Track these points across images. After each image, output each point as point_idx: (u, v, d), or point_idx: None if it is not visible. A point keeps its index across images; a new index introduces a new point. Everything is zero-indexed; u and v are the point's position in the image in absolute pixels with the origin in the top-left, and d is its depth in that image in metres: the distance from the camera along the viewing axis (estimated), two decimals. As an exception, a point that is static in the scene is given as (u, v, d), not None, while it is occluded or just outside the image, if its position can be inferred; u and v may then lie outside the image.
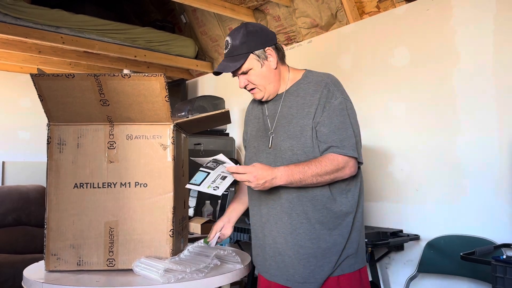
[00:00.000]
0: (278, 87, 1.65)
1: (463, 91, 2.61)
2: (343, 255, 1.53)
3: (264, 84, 1.62)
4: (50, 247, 1.54)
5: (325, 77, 1.61)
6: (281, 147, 1.57)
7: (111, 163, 1.58)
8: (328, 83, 1.57)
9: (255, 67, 1.58)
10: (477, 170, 2.52)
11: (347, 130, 1.52)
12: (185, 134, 1.84)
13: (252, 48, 1.57)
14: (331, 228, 1.52)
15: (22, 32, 3.65)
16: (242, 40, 1.56)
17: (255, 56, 1.57)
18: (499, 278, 1.83)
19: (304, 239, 1.52)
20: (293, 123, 1.56)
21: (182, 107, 4.15)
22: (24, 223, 4.02)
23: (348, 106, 1.57)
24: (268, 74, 1.61)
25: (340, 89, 1.58)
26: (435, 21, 2.77)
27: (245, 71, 1.59)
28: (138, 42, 4.41)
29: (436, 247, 2.64)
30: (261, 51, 1.58)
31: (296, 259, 1.52)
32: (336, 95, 1.54)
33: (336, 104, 1.53)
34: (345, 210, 1.54)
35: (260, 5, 3.98)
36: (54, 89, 1.48)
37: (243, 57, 1.56)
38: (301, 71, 1.68)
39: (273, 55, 1.60)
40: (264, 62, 1.59)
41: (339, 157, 1.49)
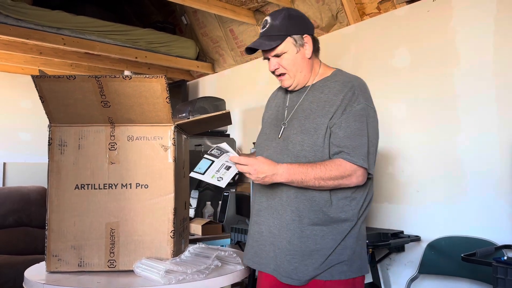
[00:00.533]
0: (307, 78, 1.61)
1: (463, 92, 2.61)
2: (332, 259, 1.48)
3: (295, 71, 1.58)
4: (51, 248, 1.54)
5: (353, 79, 1.57)
6: (292, 140, 1.54)
7: (112, 164, 1.59)
8: (354, 85, 1.53)
9: (290, 51, 1.55)
10: (478, 171, 2.52)
11: (362, 138, 1.47)
12: (186, 135, 1.85)
13: (291, 31, 1.54)
14: (324, 231, 1.49)
15: (23, 33, 3.66)
16: (282, 21, 1.53)
17: (292, 40, 1.54)
18: (500, 280, 1.82)
19: (293, 236, 1.49)
20: (310, 119, 1.53)
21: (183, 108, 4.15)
22: (25, 224, 4.03)
23: (370, 113, 1.52)
24: (301, 62, 1.57)
25: (366, 95, 1.53)
26: (435, 22, 2.77)
27: (279, 54, 1.55)
28: (139, 43, 4.42)
29: (437, 248, 2.63)
30: (299, 36, 1.55)
31: (283, 253, 1.50)
32: (360, 100, 1.50)
33: (358, 109, 1.48)
34: (344, 217, 1.50)
35: (261, 6, 3.98)
36: (55, 91, 1.48)
37: (280, 38, 1.53)
38: (332, 68, 1.65)
39: (309, 44, 1.57)
40: (299, 49, 1.56)
41: (347, 164, 1.45)
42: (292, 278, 1.48)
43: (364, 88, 1.56)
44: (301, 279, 1.47)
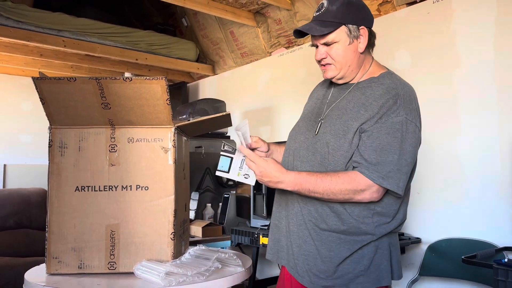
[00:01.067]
0: (354, 74, 1.48)
1: (464, 94, 2.61)
2: (346, 268, 1.39)
3: (343, 64, 1.45)
4: (51, 250, 1.54)
5: (400, 86, 1.40)
6: (321, 139, 1.44)
7: (112, 166, 1.58)
8: (399, 94, 1.37)
9: (342, 41, 1.41)
10: (479, 172, 2.52)
11: (389, 154, 1.32)
12: (186, 137, 1.85)
13: (347, 20, 1.40)
14: (341, 239, 1.40)
15: (24, 35, 3.66)
16: (340, 7, 1.39)
17: (347, 30, 1.41)
18: (501, 282, 1.82)
19: (309, 237, 1.44)
20: (342, 120, 1.41)
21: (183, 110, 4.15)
22: (25, 226, 4.03)
23: (409, 129, 1.35)
24: (352, 55, 1.44)
25: (409, 107, 1.36)
26: (435, 24, 2.77)
27: (329, 42, 1.42)
28: (140, 45, 4.43)
29: (437, 250, 2.63)
30: (355, 27, 1.41)
31: (299, 252, 1.46)
32: (400, 112, 1.34)
33: (394, 122, 1.33)
34: (364, 229, 1.39)
35: (261, 8, 3.99)
36: (56, 93, 1.48)
37: (334, 26, 1.39)
38: (383, 69, 1.52)
39: (365, 37, 1.44)
40: (353, 41, 1.42)
41: (362, 179, 1.33)
42: (306, 279, 1.44)
43: (410, 99, 1.39)
44: (315, 283, 1.42)
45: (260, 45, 4.28)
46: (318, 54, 1.46)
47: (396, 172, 1.33)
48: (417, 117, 1.39)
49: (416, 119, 1.38)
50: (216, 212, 3.49)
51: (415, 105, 1.40)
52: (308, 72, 3.69)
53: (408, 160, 1.35)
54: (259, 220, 3.07)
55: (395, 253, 1.47)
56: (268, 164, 1.40)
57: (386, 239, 1.43)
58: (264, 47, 4.25)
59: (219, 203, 3.51)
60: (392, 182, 1.33)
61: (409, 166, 1.37)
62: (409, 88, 1.43)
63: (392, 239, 1.46)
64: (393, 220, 1.42)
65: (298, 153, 1.50)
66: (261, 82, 4.30)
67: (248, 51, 4.46)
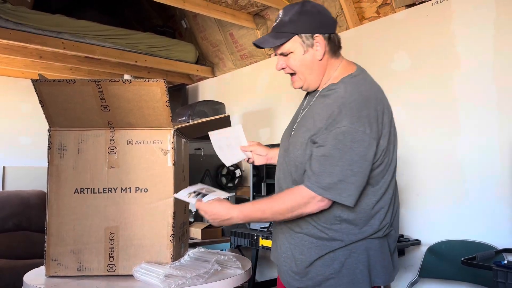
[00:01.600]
0: (319, 81, 1.46)
1: (463, 95, 2.61)
2: (316, 272, 1.39)
3: (303, 73, 1.44)
4: (50, 252, 1.54)
5: (349, 94, 1.35)
6: (289, 150, 1.45)
7: (112, 168, 1.58)
8: (345, 103, 1.32)
9: (296, 51, 1.41)
10: (478, 174, 2.52)
11: (331, 166, 1.29)
12: (186, 139, 1.85)
13: (300, 29, 1.39)
14: (313, 243, 1.39)
15: (23, 37, 3.67)
16: (292, 17, 1.39)
17: (300, 40, 1.40)
18: (501, 283, 1.82)
19: (285, 240, 1.47)
20: (301, 131, 1.42)
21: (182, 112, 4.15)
22: (25, 228, 4.02)
23: (355, 138, 1.28)
24: (310, 63, 1.43)
25: (357, 115, 1.30)
26: (435, 26, 2.77)
27: (285, 53, 1.43)
28: (139, 47, 4.43)
29: (437, 252, 2.63)
30: (309, 36, 1.40)
31: (280, 253, 1.49)
32: (343, 122, 1.29)
33: (338, 132, 1.29)
34: (332, 236, 1.38)
35: (261, 10, 4.00)
36: (55, 95, 1.48)
37: (286, 36, 1.40)
38: (348, 71, 1.46)
39: (321, 45, 1.41)
40: (308, 49, 1.41)
41: (304, 191, 1.32)
42: (284, 280, 1.47)
43: (359, 106, 1.32)
44: (290, 284, 1.44)
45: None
46: (277, 65, 1.48)
47: (338, 183, 1.29)
48: (367, 123, 1.30)
49: (366, 126, 1.30)
50: (215, 214, 3.48)
51: (367, 112, 1.32)
52: (308, 74, 3.69)
53: (355, 169, 1.29)
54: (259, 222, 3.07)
55: (377, 258, 1.41)
56: (214, 207, 1.42)
57: (363, 244, 1.39)
58: (264, 49, 4.25)
59: (218, 205, 3.50)
60: (334, 193, 1.30)
61: (358, 176, 1.30)
62: (362, 94, 1.36)
63: (371, 243, 1.40)
64: (366, 227, 1.38)
65: (279, 161, 1.53)
66: (260, 84, 4.30)
67: (247, 53, 4.47)
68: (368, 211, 1.38)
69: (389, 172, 1.44)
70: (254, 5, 3.87)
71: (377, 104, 1.37)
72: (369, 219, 1.39)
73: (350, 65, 1.51)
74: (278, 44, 1.41)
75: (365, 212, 1.38)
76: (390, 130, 1.41)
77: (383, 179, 1.41)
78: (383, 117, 1.37)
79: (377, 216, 1.40)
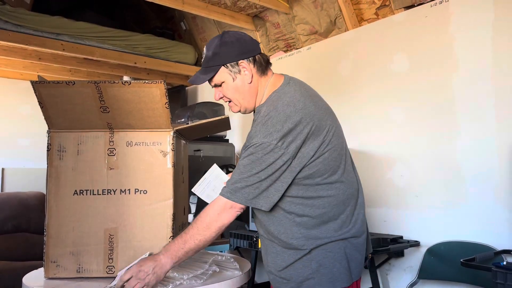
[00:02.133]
0: (253, 103, 1.54)
1: (462, 97, 2.61)
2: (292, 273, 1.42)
3: (238, 98, 1.52)
4: (49, 254, 1.54)
5: (266, 112, 1.42)
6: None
7: (111, 170, 1.58)
8: (261, 122, 1.40)
9: (227, 80, 1.50)
10: (477, 175, 2.52)
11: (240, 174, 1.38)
12: (185, 140, 1.85)
13: (224, 60, 1.48)
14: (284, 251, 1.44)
15: (23, 39, 3.66)
16: (214, 51, 1.48)
17: (227, 69, 1.48)
18: (500, 285, 1.82)
19: (262, 243, 1.53)
20: (242, 152, 1.47)
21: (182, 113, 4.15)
22: (24, 230, 4.01)
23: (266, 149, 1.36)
24: (242, 88, 1.50)
25: (270, 130, 1.37)
26: (433, 28, 2.78)
27: (218, 84, 1.52)
28: (138, 49, 4.43)
29: (436, 253, 2.63)
30: (234, 63, 1.48)
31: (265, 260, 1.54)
32: (257, 138, 1.38)
33: (252, 146, 1.38)
34: (296, 244, 1.41)
35: (260, 12, 4.00)
36: (55, 96, 1.48)
37: (214, 70, 1.49)
38: (274, 87, 1.51)
39: (248, 69, 1.49)
40: (236, 76, 1.49)
41: (219, 199, 1.41)
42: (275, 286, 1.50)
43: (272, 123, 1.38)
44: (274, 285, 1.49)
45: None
46: (216, 95, 1.56)
47: (245, 188, 1.37)
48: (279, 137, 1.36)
49: (278, 139, 1.35)
50: (214, 216, 3.48)
51: (280, 127, 1.37)
52: (307, 75, 3.70)
53: (262, 176, 1.36)
54: (258, 223, 3.06)
55: (355, 256, 1.45)
56: (137, 267, 1.38)
57: (339, 243, 1.42)
58: (263, 51, 4.25)
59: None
60: (239, 196, 1.37)
61: (266, 182, 1.37)
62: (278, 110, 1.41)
63: (348, 243, 1.44)
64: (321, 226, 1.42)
65: None
66: (259, 86, 4.30)
67: (246, 54, 4.46)
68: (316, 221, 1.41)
69: (331, 174, 1.44)
70: (253, 6, 3.88)
71: (296, 115, 1.39)
72: (309, 216, 1.41)
73: (278, 79, 1.55)
74: (208, 79, 1.50)
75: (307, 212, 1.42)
76: (318, 136, 1.41)
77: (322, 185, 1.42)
78: (304, 126, 1.39)
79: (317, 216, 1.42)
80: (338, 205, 1.44)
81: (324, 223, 1.41)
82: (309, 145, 1.39)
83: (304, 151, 1.38)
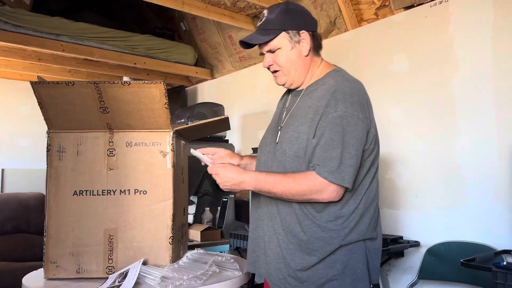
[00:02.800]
0: (303, 77, 1.51)
1: (462, 97, 2.61)
2: (318, 275, 1.37)
3: (289, 69, 1.49)
4: (49, 254, 1.54)
5: (340, 82, 1.42)
6: (279, 148, 1.47)
7: (111, 170, 1.58)
8: (337, 90, 1.38)
9: (284, 47, 1.46)
10: (477, 176, 2.52)
11: (334, 149, 1.32)
12: (185, 141, 1.85)
13: (287, 26, 1.44)
14: (310, 249, 1.39)
15: (22, 39, 3.66)
16: (279, 15, 1.45)
17: (288, 36, 1.45)
18: (500, 285, 1.82)
19: (281, 247, 1.44)
20: (294, 126, 1.44)
21: (181, 114, 4.15)
22: (24, 230, 4.01)
23: (350, 122, 1.34)
24: (297, 59, 1.48)
25: (350, 101, 1.36)
26: (433, 28, 2.78)
27: (273, 49, 1.48)
28: (138, 49, 4.43)
29: (436, 253, 2.63)
30: (295, 32, 1.45)
31: (273, 261, 1.46)
32: (338, 107, 1.35)
33: (334, 117, 1.34)
34: (331, 235, 1.37)
35: (259, 12, 4.00)
36: (54, 97, 1.48)
37: (274, 33, 1.45)
38: (330, 68, 1.52)
39: (307, 41, 1.47)
40: (295, 45, 1.46)
41: (317, 179, 1.33)
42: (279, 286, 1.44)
43: (351, 93, 1.39)
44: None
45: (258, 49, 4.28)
46: (265, 62, 1.52)
47: (340, 166, 1.32)
48: (359, 109, 1.37)
49: (359, 111, 1.37)
50: (214, 216, 3.49)
51: (357, 98, 1.39)
52: (306, 76, 3.69)
53: (352, 152, 1.34)
54: (258, 224, 3.06)
55: (373, 258, 1.44)
56: (226, 170, 1.43)
57: (362, 244, 1.41)
58: (263, 51, 4.25)
59: (217, 207, 3.50)
60: (337, 176, 1.32)
61: (354, 159, 1.34)
62: (351, 83, 1.44)
63: (371, 244, 1.44)
64: (362, 217, 1.41)
65: (266, 164, 1.52)
66: (259, 86, 4.30)
67: (246, 55, 4.47)
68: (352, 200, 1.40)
69: (375, 165, 1.47)
70: (253, 7, 3.88)
71: (364, 94, 1.46)
72: (354, 206, 1.40)
73: (330, 64, 1.57)
74: (267, 40, 1.46)
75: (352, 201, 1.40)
76: (374, 126, 1.47)
77: (373, 167, 1.45)
78: (369, 107, 1.45)
79: (361, 206, 1.42)
80: (374, 199, 1.45)
81: (357, 221, 1.39)
82: (373, 126, 1.43)
83: (372, 131, 1.42)
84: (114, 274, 1.48)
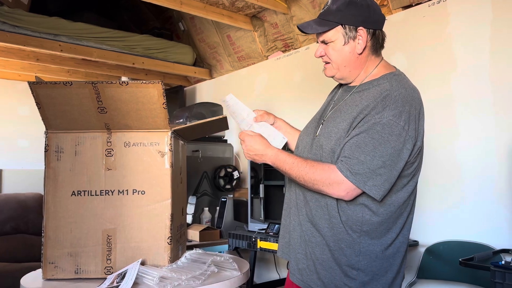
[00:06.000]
0: (355, 75, 1.44)
1: (460, 96, 2.62)
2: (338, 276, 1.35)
3: (340, 64, 1.42)
4: (47, 255, 1.53)
5: (395, 88, 1.34)
6: (316, 142, 1.43)
7: (109, 170, 1.58)
8: (389, 95, 1.31)
9: (337, 41, 1.39)
10: (476, 175, 2.52)
11: (363, 153, 1.27)
12: (183, 141, 1.84)
13: (345, 20, 1.37)
14: (334, 245, 1.35)
15: (21, 40, 3.66)
16: (340, 7, 1.37)
17: (343, 30, 1.38)
18: (498, 284, 1.82)
19: (302, 238, 1.43)
20: (335, 122, 1.39)
21: (180, 114, 4.15)
22: (22, 231, 4.01)
23: (393, 131, 1.27)
24: (349, 56, 1.40)
25: (399, 109, 1.29)
26: (431, 27, 2.78)
27: (326, 41, 1.41)
28: (136, 49, 4.43)
29: (435, 253, 2.63)
30: (353, 28, 1.37)
31: (294, 251, 1.46)
32: (386, 113, 1.28)
33: (376, 122, 1.28)
34: (356, 230, 1.34)
35: (258, 12, 4.00)
36: (52, 97, 1.48)
37: (330, 25, 1.38)
38: (389, 69, 1.44)
39: (363, 39, 1.38)
40: (349, 41, 1.38)
41: (335, 173, 1.29)
42: (297, 277, 1.44)
43: (403, 101, 1.31)
44: (306, 282, 1.41)
45: (257, 49, 4.29)
46: (317, 52, 1.47)
47: (366, 171, 1.27)
48: (407, 120, 1.31)
49: (406, 122, 1.30)
50: (213, 216, 3.49)
51: (409, 108, 1.32)
52: (305, 75, 3.69)
53: (387, 162, 1.27)
54: (257, 224, 3.06)
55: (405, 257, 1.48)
56: (253, 139, 1.47)
57: (405, 242, 1.44)
58: (261, 51, 4.26)
59: (216, 207, 3.50)
60: (359, 179, 1.27)
61: (388, 169, 1.28)
62: (407, 90, 1.36)
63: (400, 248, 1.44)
64: (397, 220, 1.40)
65: (301, 155, 1.49)
66: (258, 86, 4.30)
67: (245, 54, 4.47)
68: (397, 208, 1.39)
69: (418, 173, 1.50)
70: (251, 7, 3.88)
71: (418, 104, 1.40)
72: (396, 218, 1.39)
73: (390, 65, 1.49)
74: (320, 32, 1.41)
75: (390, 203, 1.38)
76: (422, 138, 1.44)
77: (413, 179, 1.47)
78: (421, 119, 1.41)
79: (401, 217, 1.41)
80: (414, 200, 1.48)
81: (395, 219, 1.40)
82: (420, 138, 1.42)
83: (418, 144, 1.41)
84: (113, 275, 1.48)
